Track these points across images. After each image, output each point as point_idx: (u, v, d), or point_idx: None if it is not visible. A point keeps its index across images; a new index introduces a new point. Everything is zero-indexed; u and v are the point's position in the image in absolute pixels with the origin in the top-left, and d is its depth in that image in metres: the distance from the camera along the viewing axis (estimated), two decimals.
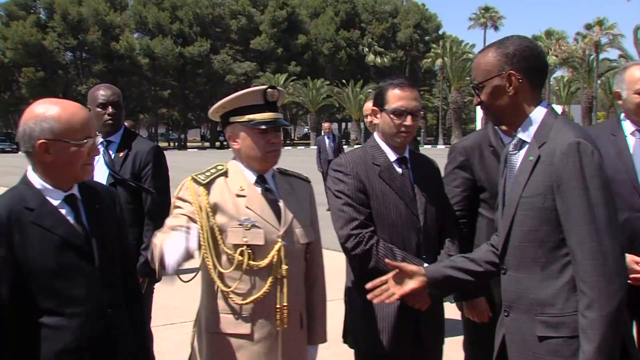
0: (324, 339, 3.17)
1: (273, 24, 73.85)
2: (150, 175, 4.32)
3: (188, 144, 78.89)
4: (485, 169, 3.63)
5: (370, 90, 66.38)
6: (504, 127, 3.62)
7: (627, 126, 3.67)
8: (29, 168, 2.52)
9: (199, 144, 77.51)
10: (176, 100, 70.33)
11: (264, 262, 2.84)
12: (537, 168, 2.35)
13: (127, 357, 2.62)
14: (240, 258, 2.82)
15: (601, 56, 61.88)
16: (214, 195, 2.87)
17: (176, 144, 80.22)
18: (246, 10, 74.04)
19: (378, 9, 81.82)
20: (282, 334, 2.89)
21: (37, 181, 2.48)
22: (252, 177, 2.97)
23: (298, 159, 22.63)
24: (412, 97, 3.23)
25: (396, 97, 3.21)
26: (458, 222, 3.58)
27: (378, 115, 3.29)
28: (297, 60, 74.22)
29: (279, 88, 3.01)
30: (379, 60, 78.33)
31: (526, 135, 2.44)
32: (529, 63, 2.43)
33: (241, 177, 2.96)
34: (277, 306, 2.87)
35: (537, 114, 2.44)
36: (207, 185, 2.89)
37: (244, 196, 2.90)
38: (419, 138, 71.72)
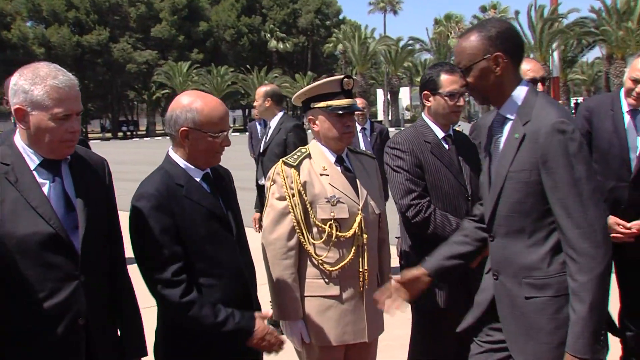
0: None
1: (173, 11, 72.53)
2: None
3: (89, 135, 76.64)
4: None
5: (275, 75, 66.60)
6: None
7: (624, 104, 4.22)
8: (170, 149, 2.86)
9: (100, 135, 75.38)
10: None
11: (349, 233, 3.32)
12: (522, 145, 2.52)
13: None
14: (329, 230, 3.29)
15: None
16: (303, 175, 3.32)
17: None
18: None
19: None
20: (365, 294, 3.36)
21: (180, 161, 2.83)
22: (332, 158, 3.43)
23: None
24: (459, 81, 3.67)
25: (449, 80, 3.67)
26: None
27: (430, 99, 3.75)
28: (199, 48, 73.29)
29: (354, 77, 3.46)
30: (281, 46, 78.54)
31: (509, 112, 2.63)
32: (510, 43, 2.61)
33: (323, 157, 3.41)
34: (360, 270, 3.35)
35: (520, 91, 2.63)
36: (297, 167, 3.34)
37: (327, 175, 3.36)
38: None
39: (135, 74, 70.72)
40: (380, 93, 63.40)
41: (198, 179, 2.85)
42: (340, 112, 3.35)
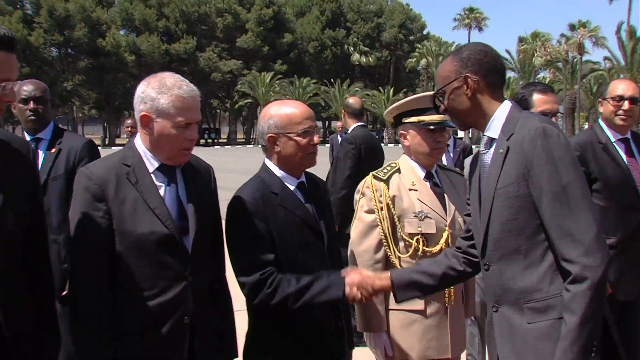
0: (473, 313, 3.66)
1: (259, 22, 73.92)
2: None
3: None
4: (598, 164, 4.06)
5: (357, 89, 66.85)
6: (618, 122, 4.14)
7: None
8: (266, 159, 2.96)
9: None
10: None
11: (435, 248, 3.34)
12: (507, 158, 2.40)
13: (348, 324, 3.07)
14: (416, 245, 3.32)
15: (584, 58, 62.70)
16: (392, 189, 3.37)
17: None
18: (232, 9, 74.05)
19: (363, 9, 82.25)
20: (450, 310, 3.38)
21: (275, 170, 2.93)
22: (422, 173, 3.46)
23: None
24: (553, 101, 3.75)
25: (541, 100, 3.71)
26: None
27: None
28: (283, 59, 74.35)
29: None
30: (364, 60, 78.80)
31: (494, 132, 2.52)
32: (482, 65, 2.52)
33: (412, 173, 3.44)
34: None
35: (502, 111, 2.52)
36: (387, 181, 3.39)
37: (416, 190, 3.39)
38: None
39: (220, 82, 72.36)
40: None
41: (293, 188, 2.93)
42: (432, 127, 3.38)
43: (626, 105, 4.10)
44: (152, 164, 2.65)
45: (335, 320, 2.96)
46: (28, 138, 4.20)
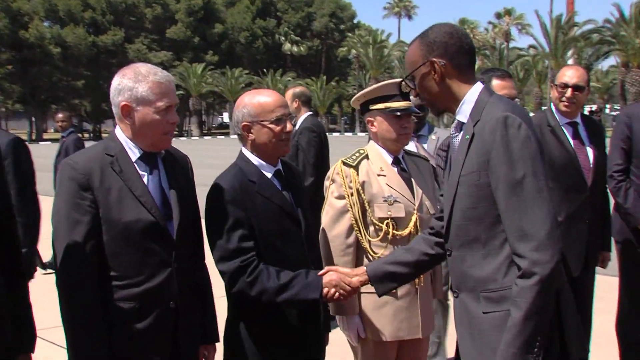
0: (441, 294, 3.77)
1: (189, 12, 72.96)
2: (12, 170, 4.03)
3: (103, 135, 77.09)
4: (545, 146, 4.19)
5: (289, 78, 66.81)
6: (562, 108, 4.33)
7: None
8: (242, 147, 3.01)
9: None
10: (89, 90, 68.52)
11: (405, 232, 3.42)
12: (471, 146, 2.36)
13: (325, 309, 3.16)
14: (386, 228, 3.39)
15: (511, 45, 64.42)
16: (362, 175, 3.43)
17: (90, 135, 78.28)
18: None
19: None
20: (419, 291, 3.46)
21: (252, 158, 2.97)
22: (389, 159, 3.53)
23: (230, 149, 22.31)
24: (511, 86, 3.85)
25: (500, 86, 3.81)
26: None
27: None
28: (214, 50, 73.73)
29: None
30: (296, 49, 78.83)
31: (463, 116, 2.47)
32: (449, 47, 2.45)
33: (380, 159, 3.52)
34: None
35: (472, 94, 2.46)
36: (356, 167, 3.45)
37: (384, 175, 3.47)
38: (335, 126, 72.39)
39: None
40: None
41: (270, 175, 2.97)
42: (398, 113, 3.45)
43: (569, 92, 4.30)
44: (134, 153, 2.68)
45: (312, 304, 2.99)
46: None
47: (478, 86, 2.48)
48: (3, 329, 2.44)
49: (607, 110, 70.99)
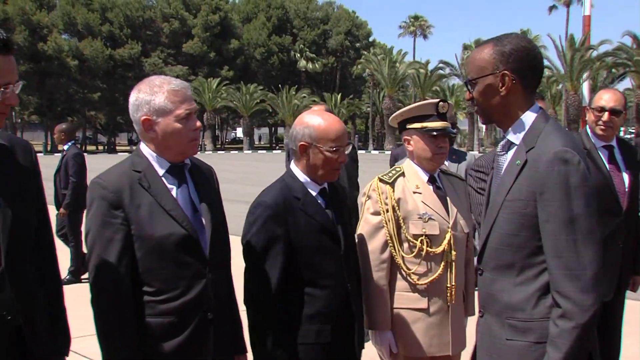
0: (473, 312, 3.73)
1: (205, 28, 73.52)
2: None
3: (117, 147, 77.62)
4: None
5: (304, 95, 67.09)
6: (598, 132, 4.33)
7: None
8: (292, 163, 3.05)
9: (128, 147, 76.41)
10: (105, 103, 69.09)
11: (438, 249, 3.45)
12: (522, 173, 2.31)
13: (360, 325, 3.14)
14: (420, 245, 3.43)
15: None
16: (397, 192, 3.48)
17: (105, 147, 78.81)
18: (179, 14, 73.46)
19: (309, 15, 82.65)
20: (451, 308, 3.49)
21: (300, 175, 3.01)
22: (425, 177, 3.57)
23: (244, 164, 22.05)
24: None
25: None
26: None
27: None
28: (229, 65, 74.14)
29: (448, 102, 3.60)
30: (311, 66, 79.13)
31: (515, 137, 2.42)
32: (524, 64, 2.37)
33: (416, 176, 3.56)
34: (447, 285, 3.47)
35: (528, 117, 2.40)
36: (392, 184, 3.51)
37: (420, 193, 3.51)
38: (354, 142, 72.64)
39: None
40: None
41: (315, 193, 3.02)
42: (435, 133, 3.50)
43: (606, 116, 4.30)
44: (161, 167, 2.67)
45: (348, 319, 3.03)
46: None
47: (535, 109, 2.42)
48: (44, 334, 2.47)
49: (621, 133, 70.71)
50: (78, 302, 3.56)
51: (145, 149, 2.70)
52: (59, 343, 2.61)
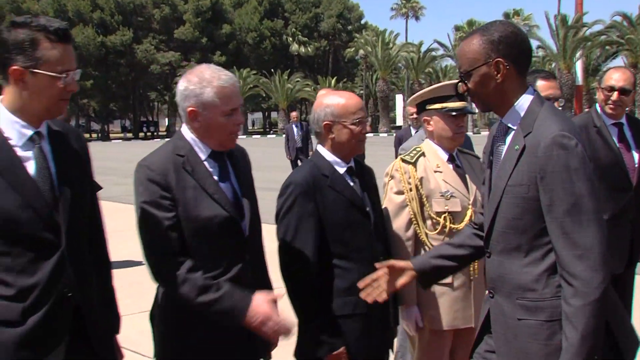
0: None
1: (197, 13, 73.17)
2: None
3: (110, 135, 77.46)
4: (591, 146, 4.33)
5: (297, 79, 66.93)
6: (607, 110, 4.44)
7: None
8: (318, 145, 3.20)
9: (122, 135, 76.25)
10: (98, 90, 68.81)
11: (461, 225, 3.56)
12: (522, 158, 2.36)
13: (394, 297, 3.28)
14: (443, 222, 3.56)
15: None
16: (419, 171, 3.60)
17: (99, 135, 78.61)
18: (169, 0, 73.11)
19: None
20: (473, 282, 3.62)
21: (327, 154, 3.15)
22: (445, 156, 3.69)
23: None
24: (555, 87, 4.00)
25: (544, 86, 3.94)
26: None
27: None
28: (222, 50, 73.83)
29: None
30: (303, 50, 78.98)
31: (512, 122, 2.47)
32: (514, 49, 2.42)
33: (436, 156, 3.68)
34: None
35: (524, 101, 2.45)
36: (414, 164, 3.62)
37: (440, 172, 3.63)
38: None
39: (158, 75, 71.49)
40: (399, 98, 63.68)
41: (342, 171, 3.15)
42: (454, 113, 3.61)
43: (615, 95, 4.41)
44: (203, 152, 2.77)
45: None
46: None
47: (530, 92, 2.48)
48: (99, 313, 2.59)
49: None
50: None
51: (187, 133, 2.79)
52: (111, 322, 2.73)
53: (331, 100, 3.14)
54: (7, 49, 2.30)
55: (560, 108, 3.93)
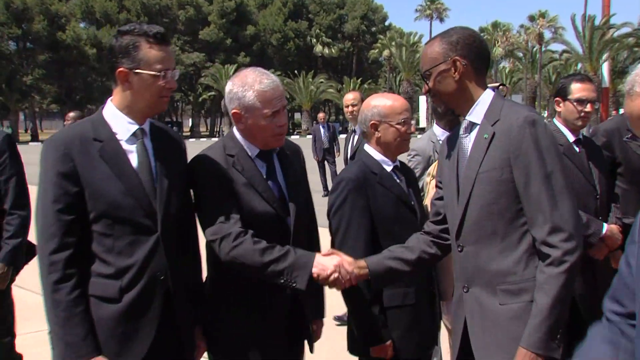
0: None
1: (221, 14, 73.67)
2: (8, 164, 4.07)
3: None
4: (623, 149, 4.34)
5: (321, 80, 67.05)
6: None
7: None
8: (366, 144, 3.33)
9: None
10: None
11: None
12: (492, 144, 2.47)
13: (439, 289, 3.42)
14: None
15: (544, 48, 64.04)
16: None
17: None
18: (194, 1, 73.68)
19: (325, 0, 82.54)
20: None
21: (375, 154, 3.28)
22: None
23: None
24: (589, 89, 4.05)
25: (578, 88, 4.02)
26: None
27: (561, 105, 4.10)
28: (246, 51, 74.20)
29: (506, 85, 3.73)
30: (327, 51, 79.10)
31: (476, 117, 2.58)
32: (472, 50, 2.57)
33: None
34: None
35: (485, 97, 2.59)
36: None
37: None
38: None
39: (182, 75, 71.81)
40: (422, 100, 63.57)
41: (389, 169, 3.28)
42: None
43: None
44: (252, 152, 2.92)
45: (428, 283, 3.31)
46: None
47: (490, 91, 2.62)
48: (187, 300, 2.79)
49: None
50: None
51: (237, 134, 2.95)
52: (196, 311, 2.87)
53: (378, 101, 3.28)
54: (115, 55, 2.59)
55: (596, 109, 3.98)
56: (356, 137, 6.73)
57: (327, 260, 2.78)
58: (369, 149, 3.31)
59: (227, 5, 73.91)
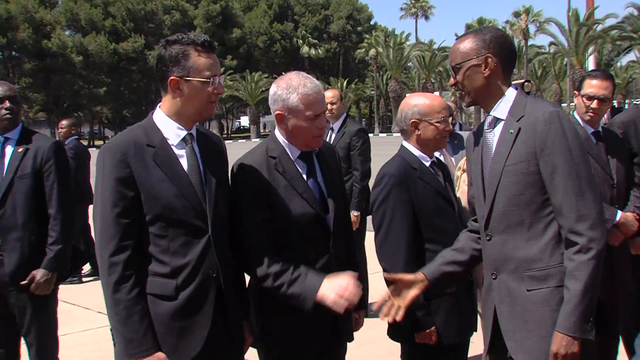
0: None
1: (207, 18, 73.63)
2: (54, 170, 4.18)
3: None
4: (638, 139, 4.38)
5: None
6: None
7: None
8: (403, 142, 3.49)
9: None
10: (111, 97, 69.35)
11: None
12: (518, 139, 2.60)
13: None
14: None
15: (530, 42, 64.51)
16: None
17: None
18: (180, 5, 73.59)
19: (310, 1, 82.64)
20: None
21: (413, 150, 3.45)
22: None
23: None
24: (600, 86, 4.16)
25: (591, 84, 4.17)
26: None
27: (576, 98, 4.27)
28: (233, 54, 74.11)
29: (531, 81, 3.89)
30: (314, 52, 79.09)
31: (501, 113, 2.71)
32: (503, 49, 2.71)
33: None
34: None
35: (510, 94, 2.71)
36: None
37: None
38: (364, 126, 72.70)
39: None
40: None
41: (428, 164, 3.44)
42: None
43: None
44: (293, 153, 3.03)
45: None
46: None
47: (513, 89, 2.75)
48: (236, 297, 2.90)
49: (626, 106, 70.73)
50: None
51: (279, 135, 3.06)
52: (243, 306, 3.00)
53: (418, 100, 3.43)
54: (165, 64, 2.69)
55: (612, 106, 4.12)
56: (334, 135, 6.67)
57: (332, 286, 2.79)
58: (408, 145, 3.46)
59: (212, 9, 73.87)
